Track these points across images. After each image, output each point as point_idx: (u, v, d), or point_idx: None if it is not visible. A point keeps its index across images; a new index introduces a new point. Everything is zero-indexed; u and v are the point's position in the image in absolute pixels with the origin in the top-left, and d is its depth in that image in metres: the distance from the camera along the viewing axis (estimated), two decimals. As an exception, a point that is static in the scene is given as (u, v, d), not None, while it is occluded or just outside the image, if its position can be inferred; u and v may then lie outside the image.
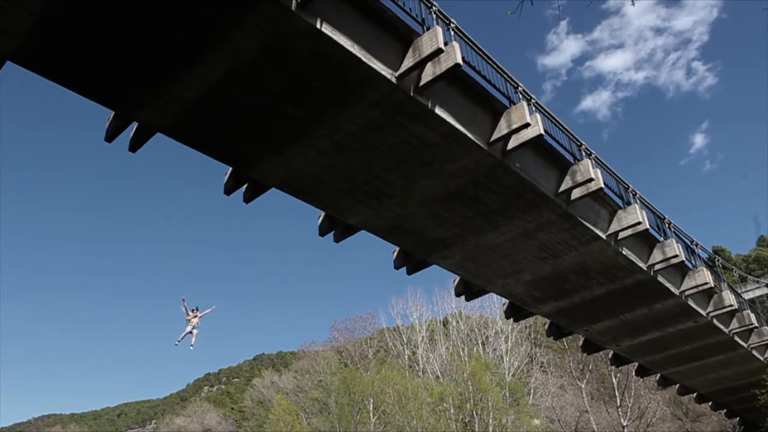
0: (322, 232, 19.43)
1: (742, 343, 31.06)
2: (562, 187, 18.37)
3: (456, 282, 24.03)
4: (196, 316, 18.34)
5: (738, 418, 45.58)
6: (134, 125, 14.70)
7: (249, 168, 16.22)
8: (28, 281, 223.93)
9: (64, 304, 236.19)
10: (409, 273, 21.65)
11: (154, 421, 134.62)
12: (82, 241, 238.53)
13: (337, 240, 19.54)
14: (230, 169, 16.73)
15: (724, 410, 43.27)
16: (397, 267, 21.59)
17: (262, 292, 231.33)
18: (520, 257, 21.02)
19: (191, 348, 19.45)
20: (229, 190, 17.02)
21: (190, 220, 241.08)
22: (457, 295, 24.80)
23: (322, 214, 19.12)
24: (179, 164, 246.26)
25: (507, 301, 25.77)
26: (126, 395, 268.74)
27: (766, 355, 33.46)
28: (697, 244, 26.12)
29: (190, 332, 18.38)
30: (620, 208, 20.94)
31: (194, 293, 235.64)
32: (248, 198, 17.21)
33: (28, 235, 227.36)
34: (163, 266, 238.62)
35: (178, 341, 19.30)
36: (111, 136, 14.69)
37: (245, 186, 17.05)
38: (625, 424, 46.52)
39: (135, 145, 14.99)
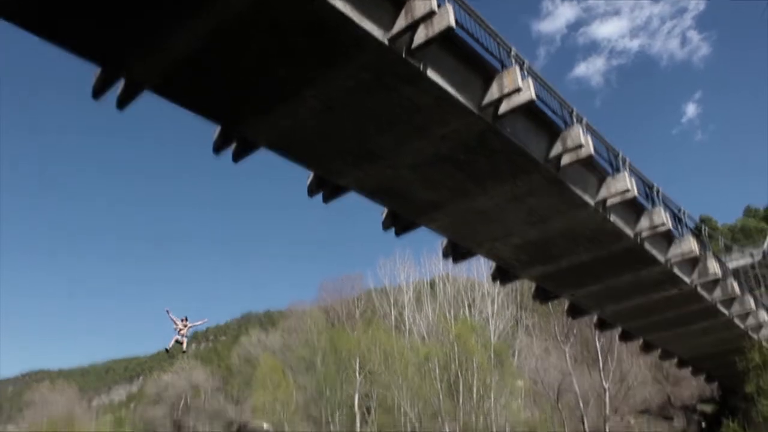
0: (311, 192, 19.35)
1: (725, 311, 31.41)
2: (552, 153, 18.35)
3: (444, 244, 24.07)
4: (185, 326, 18.38)
5: (717, 383, 46.34)
6: (122, 82, 14.53)
7: (238, 127, 16.11)
8: (18, 238, 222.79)
9: (53, 261, 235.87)
10: (397, 234, 21.68)
11: (141, 377, 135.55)
12: (71, 200, 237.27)
13: (326, 200, 19.49)
14: (219, 127, 16.59)
15: (704, 375, 43.95)
16: (385, 228, 21.59)
17: (250, 251, 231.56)
18: (509, 221, 21.09)
19: (183, 352, 19.63)
20: (217, 148, 16.87)
21: (180, 180, 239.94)
22: (445, 257, 24.90)
23: (312, 174, 19.05)
24: (170, 123, 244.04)
25: (494, 264, 25.90)
26: (114, 352, 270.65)
27: (746, 323, 33.89)
28: (684, 213, 26.21)
29: (179, 342, 18.44)
30: (609, 175, 20.96)
31: (184, 253, 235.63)
32: (237, 157, 17.08)
33: (18, 194, 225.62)
34: (153, 226, 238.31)
35: (169, 348, 19.49)
36: (97, 92, 14.51)
37: (234, 145, 16.92)
38: (607, 386, 47.26)
39: (122, 102, 14.81)
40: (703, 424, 46.46)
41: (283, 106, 15.08)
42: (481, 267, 61.55)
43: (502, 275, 26.43)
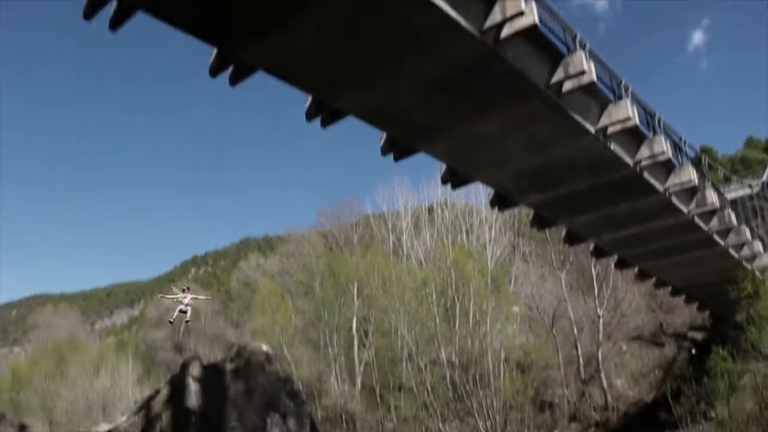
0: (309, 116, 19.12)
1: (720, 242, 31.59)
2: (554, 79, 18.09)
3: (443, 170, 23.98)
4: (186, 296, 18.30)
5: (708, 312, 46.98)
6: (114, 3, 14.15)
7: (234, 49, 15.82)
8: (18, 164, 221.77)
9: (53, 186, 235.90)
10: (396, 159, 21.57)
11: (142, 301, 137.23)
12: (70, 128, 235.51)
13: (323, 125, 19.31)
14: (215, 50, 16.27)
15: (697, 304, 44.51)
16: (384, 153, 21.45)
17: (249, 176, 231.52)
18: (508, 148, 20.99)
19: (187, 322, 19.67)
20: (214, 71, 16.58)
21: (177, 106, 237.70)
22: (444, 182, 24.85)
23: (309, 98, 18.81)
24: (166, 49, 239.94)
25: (493, 190, 25.92)
26: (114, 276, 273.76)
27: (741, 254, 34.14)
28: (685, 142, 26.05)
29: (183, 312, 18.41)
30: (611, 102, 20.72)
31: (183, 179, 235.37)
32: (234, 80, 16.83)
33: (16, 122, 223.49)
34: (152, 152, 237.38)
35: (173, 320, 19.55)
36: (88, 14, 14.14)
37: (231, 68, 16.62)
38: (601, 313, 47.96)
39: (115, 24, 14.44)
40: (693, 351, 47.25)
41: (280, 27, 14.76)
42: (479, 193, 61.77)
43: (500, 202, 26.47)
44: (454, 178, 24.02)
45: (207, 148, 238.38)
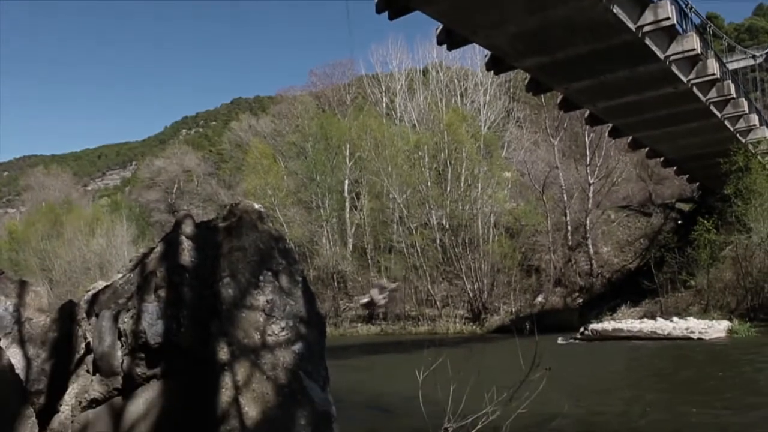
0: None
1: (717, 113, 31.28)
2: (559, -65, 17.21)
3: (439, 30, 23.27)
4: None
5: (698, 184, 47.33)
6: None
7: None
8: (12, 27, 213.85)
9: (42, 44, 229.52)
10: (391, 18, 20.76)
11: (134, 163, 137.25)
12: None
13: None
14: None
15: (687, 176, 44.76)
16: (379, 11, 20.64)
17: (239, 34, 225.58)
18: (507, 8, 20.22)
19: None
20: None
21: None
22: (439, 43, 24.14)
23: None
24: None
25: (489, 53, 25.31)
26: (104, 138, 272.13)
27: (736, 127, 33.94)
28: (691, 8, 25.24)
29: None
30: (617, -39, 19.85)
31: (173, 38, 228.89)
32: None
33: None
34: (141, 12, 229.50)
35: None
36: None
37: None
38: (591, 181, 48.28)
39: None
40: (680, 221, 47.91)
41: None
42: (475, 56, 60.60)
43: (496, 65, 25.89)
44: (451, 39, 23.31)
45: (195, 6, 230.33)
